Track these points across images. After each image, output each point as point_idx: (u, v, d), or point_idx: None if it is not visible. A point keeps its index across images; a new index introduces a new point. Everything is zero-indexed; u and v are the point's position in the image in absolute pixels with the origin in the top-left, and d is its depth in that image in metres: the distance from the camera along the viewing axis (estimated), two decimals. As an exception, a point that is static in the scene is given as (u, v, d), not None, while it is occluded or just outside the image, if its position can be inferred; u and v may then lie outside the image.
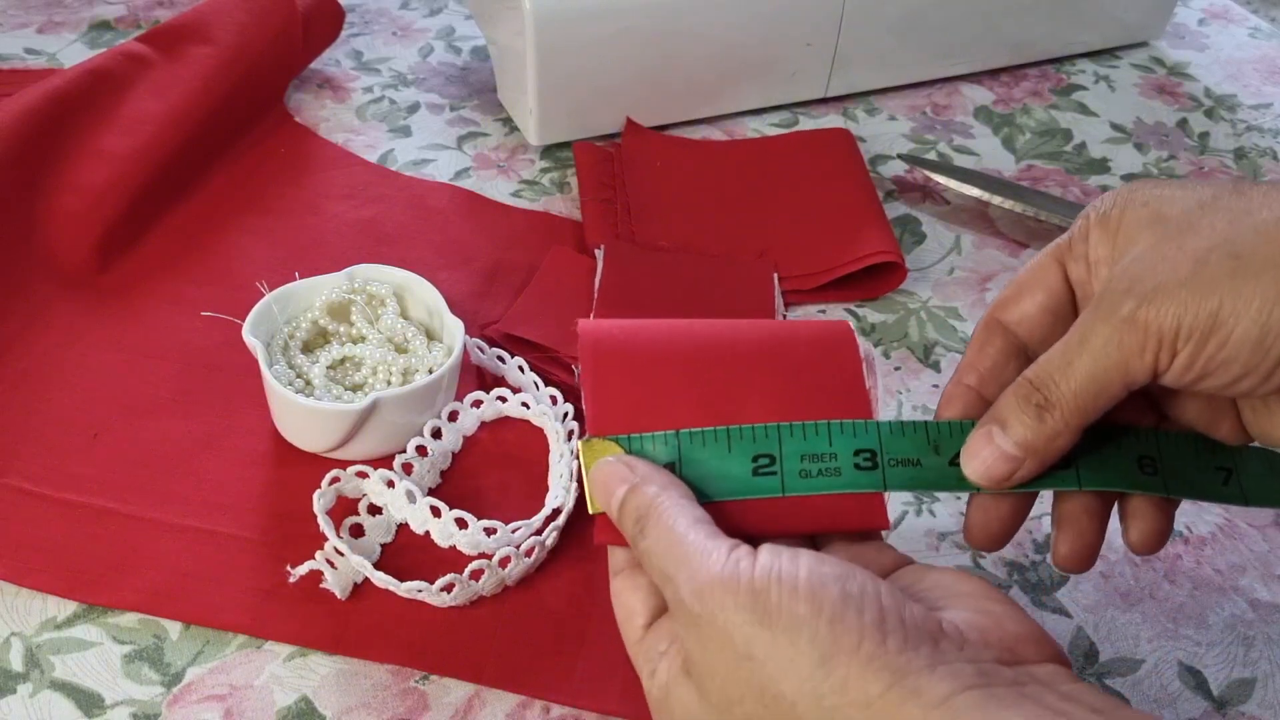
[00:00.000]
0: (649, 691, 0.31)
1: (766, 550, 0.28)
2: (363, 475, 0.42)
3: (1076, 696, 0.26)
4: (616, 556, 0.32)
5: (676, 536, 0.29)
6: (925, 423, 0.33)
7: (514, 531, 0.40)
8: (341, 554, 0.39)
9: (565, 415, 0.45)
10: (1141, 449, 0.34)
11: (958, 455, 0.32)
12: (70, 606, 0.40)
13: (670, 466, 0.32)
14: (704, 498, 0.31)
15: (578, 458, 0.32)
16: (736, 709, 0.28)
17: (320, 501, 0.40)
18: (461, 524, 0.40)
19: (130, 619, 0.39)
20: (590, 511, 0.31)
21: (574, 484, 0.42)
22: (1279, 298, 0.28)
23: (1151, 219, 0.31)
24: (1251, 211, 0.30)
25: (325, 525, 0.40)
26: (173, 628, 0.39)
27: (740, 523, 0.31)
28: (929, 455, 0.33)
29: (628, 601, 0.31)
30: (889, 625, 0.26)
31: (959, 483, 0.32)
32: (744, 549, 0.28)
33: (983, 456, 0.32)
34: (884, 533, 0.34)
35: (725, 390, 0.33)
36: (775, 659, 0.26)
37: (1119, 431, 0.34)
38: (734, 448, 0.32)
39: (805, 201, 0.58)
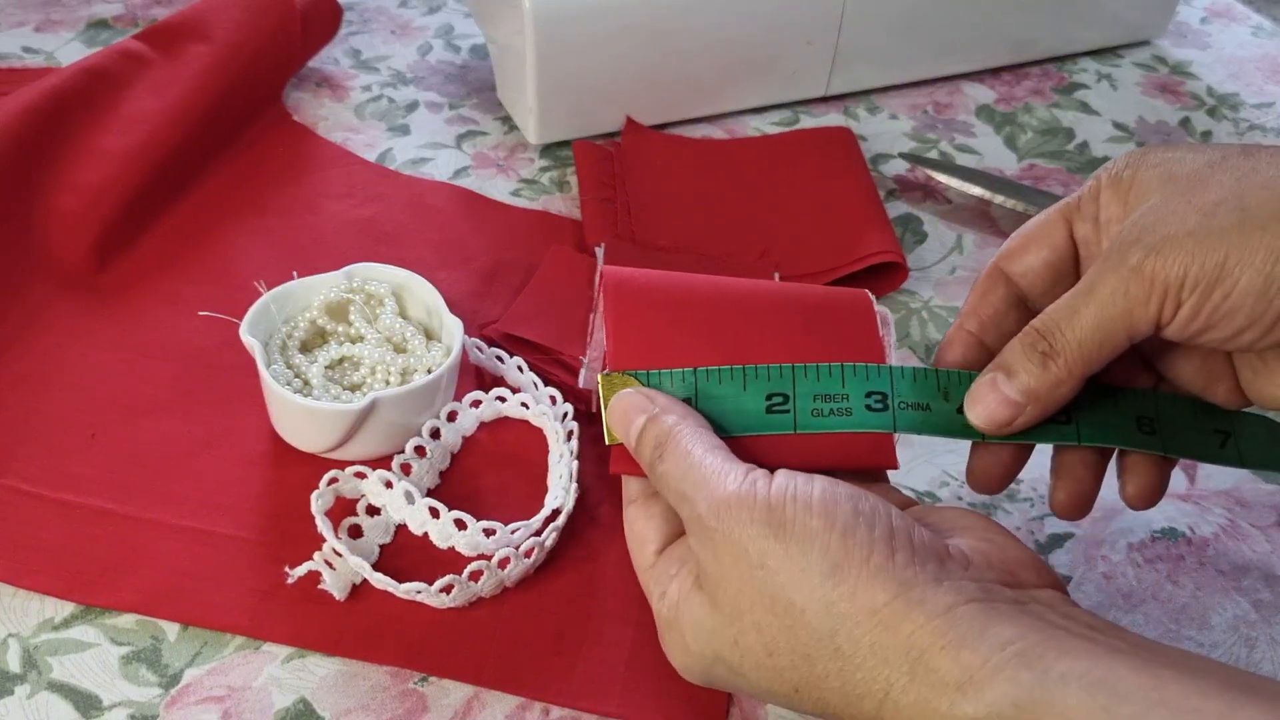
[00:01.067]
0: (658, 613, 0.32)
1: (782, 473, 0.30)
2: (361, 476, 0.42)
3: (1074, 616, 0.28)
4: (631, 486, 0.34)
5: (694, 460, 0.30)
6: (935, 370, 0.34)
7: (513, 533, 0.40)
8: (340, 555, 0.39)
9: (565, 415, 0.45)
10: (1140, 409, 0.34)
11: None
12: (68, 607, 0.39)
13: (686, 402, 0.33)
14: (720, 432, 0.32)
15: (597, 393, 0.33)
16: (746, 617, 0.29)
17: (318, 502, 0.40)
18: (460, 525, 0.40)
19: (128, 620, 0.39)
20: (607, 442, 0.33)
21: (574, 484, 0.42)
22: (1276, 249, 0.29)
23: (1163, 178, 0.32)
24: (1259, 170, 0.30)
25: (323, 526, 0.39)
26: (171, 629, 0.39)
27: (754, 456, 0.32)
28: (938, 400, 0.34)
29: (640, 530, 0.33)
30: (898, 542, 0.28)
31: (965, 430, 0.34)
32: (760, 471, 0.30)
33: (986, 402, 0.33)
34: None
35: (742, 336, 0.34)
36: (787, 569, 0.28)
37: (1118, 391, 0.35)
38: (749, 386, 0.33)
39: (806, 201, 0.58)
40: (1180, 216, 0.30)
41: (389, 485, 0.41)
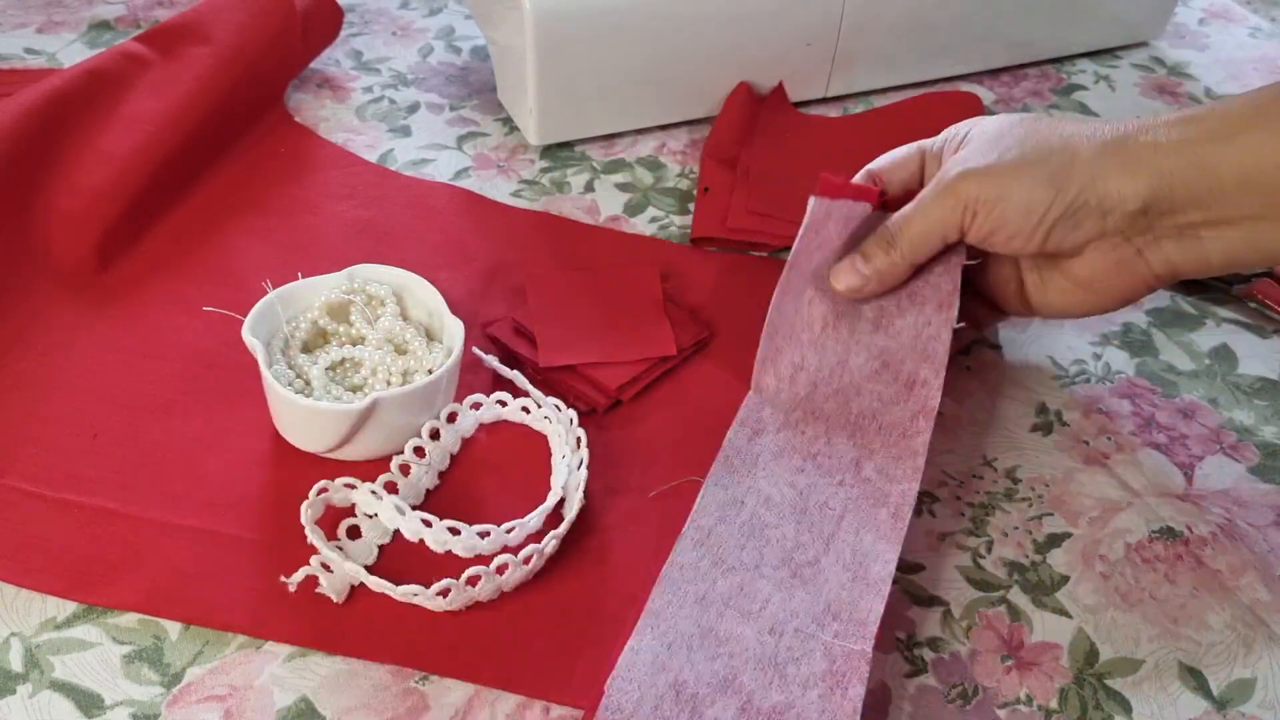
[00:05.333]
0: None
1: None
2: (350, 486, 0.41)
3: None
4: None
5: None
6: None
7: (508, 532, 0.40)
8: (329, 569, 0.39)
9: (571, 421, 0.45)
10: None
11: None
12: (70, 607, 0.39)
13: None
14: None
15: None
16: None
17: (308, 512, 0.40)
18: (455, 531, 0.40)
19: (130, 619, 0.39)
20: None
21: (580, 494, 0.42)
22: (1037, 183, 0.42)
23: (979, 134, 0.45)
24: (1038, 131, 0.43)
25: (314, 536, 0.40)
26: (172, 628, 0.39)
27: None
28: None
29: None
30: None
31: None
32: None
33: (847, 275, 0.46)
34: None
35: None
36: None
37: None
38: None
39: None
40: (983, 155, 0.43)
41: (379, 496, 0.41)
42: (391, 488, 0.43)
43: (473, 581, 0.39)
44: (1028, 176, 0.42)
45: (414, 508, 0.41)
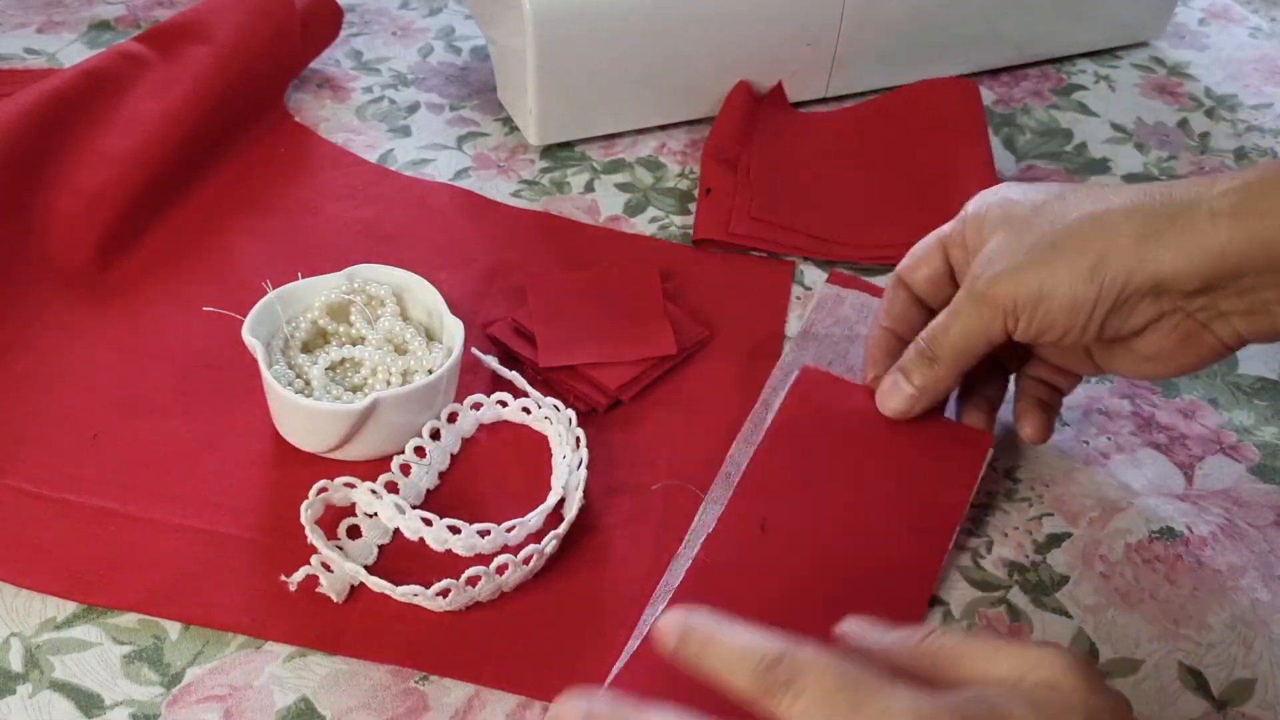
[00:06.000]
0: None
1: None
2: (350, 485, 0.41)
3: None
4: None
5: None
6: None
7: (508, 531, 0.40)
8: (329, 569, 0.39)
9: (570, 421, 0.45)
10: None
11: None
12: (70, 607, 0.40)
13: None
14: None
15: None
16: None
17: (308, 512, 0.40)
18: (455, 530, 0.40)
19: (130, 619, 0.39)
20: None
21: (580, 494, 0.42)
22: (1078, 279, 0.39)
23: (1003, 218, 0.41)
24: (1067, 213, 0.40)
25: (314, 536, 0.40)
26: (172, 628, 0.39)
27: None
28: None
29: None
30: None
31: None
32: None
33: (892, 396, 0.44)
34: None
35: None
36: None
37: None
38: None
39: (913, 168, 0.61)
40: (1011, 253, 0.40)
41: (378, 496, 0.41)
42: (392, 487, 0.43)
43: (473, 581, 0.39)
44: (1065, 271, 0.39)
45: (414, 507, 0.41)
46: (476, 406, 0.46)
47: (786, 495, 0.43)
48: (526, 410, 0.47)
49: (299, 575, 0.39)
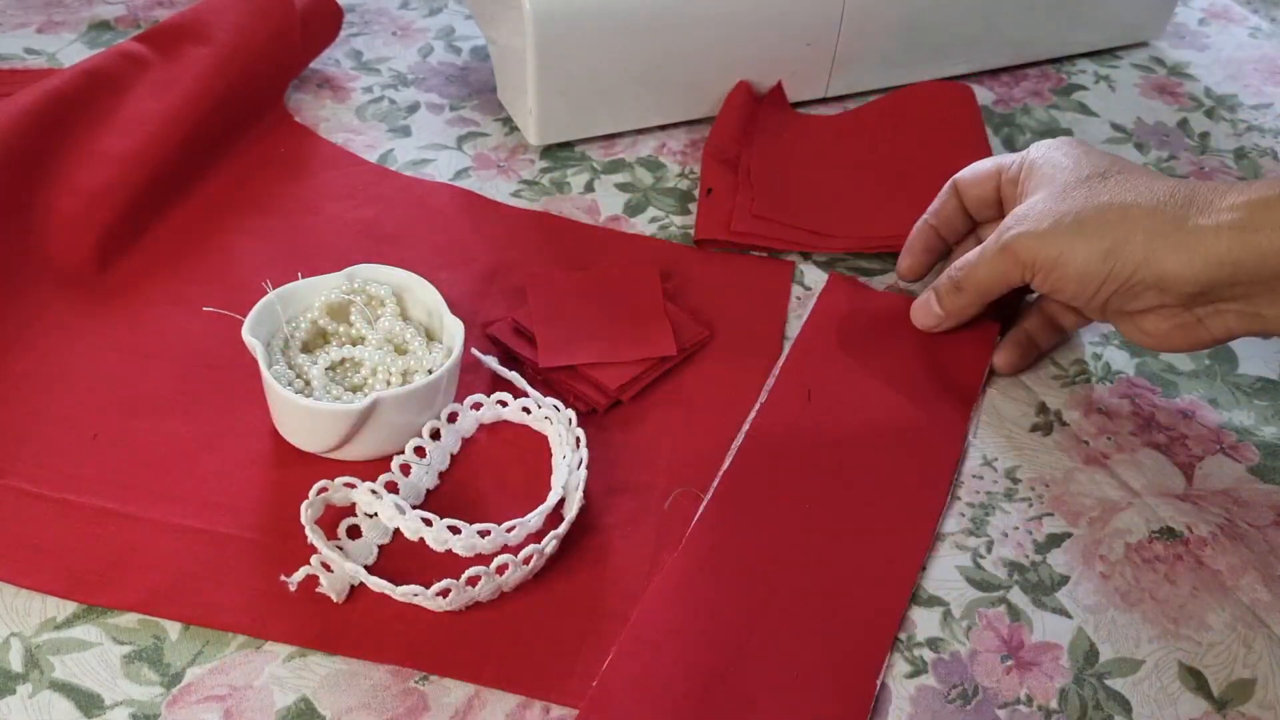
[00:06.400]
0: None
1: None
2: (350, 485, 0.41)
3: None
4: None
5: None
6: None
7: (508, 531, 0.40)
8: (329, 569, 0.39)
9: (570, 421, 0.45)
10: None
11: None
12: (70, 607, 0.40)
13: None
14: None
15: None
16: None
17: (308, 512, 0.40)
18: (455, 530, 0.40)
19: (130, 619, 0.39)
20: None
21: (580, 494, 0.42)
22: (1093, 257, 0.43)
23: (1049, 179, 0.46)
24: (1101, 195, 0.44)
25: (314, 536, 0.40)
26: (172, 628, 0.39)
27: None
28: None
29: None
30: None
31: None
32: None
33: (923, 314, 0.51)
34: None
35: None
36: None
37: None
38: None
39: (910, 169, 0.61)
40: (1041, 217, 0.45)
41: (378, 496, 0.41)
42: (392, 487, 0.43)
43: (473, 582, 0.39)
44: (1083, 247, 0.43)
45: (414, 507, 0.41)
46: (476, 406, 0.46)
47: (827, 370, 0.50)
48: (526, 410, 0.47)
49: (299, 575, 0.39)
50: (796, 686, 0.38)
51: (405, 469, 0.43)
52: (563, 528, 0.41)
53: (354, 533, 0.42)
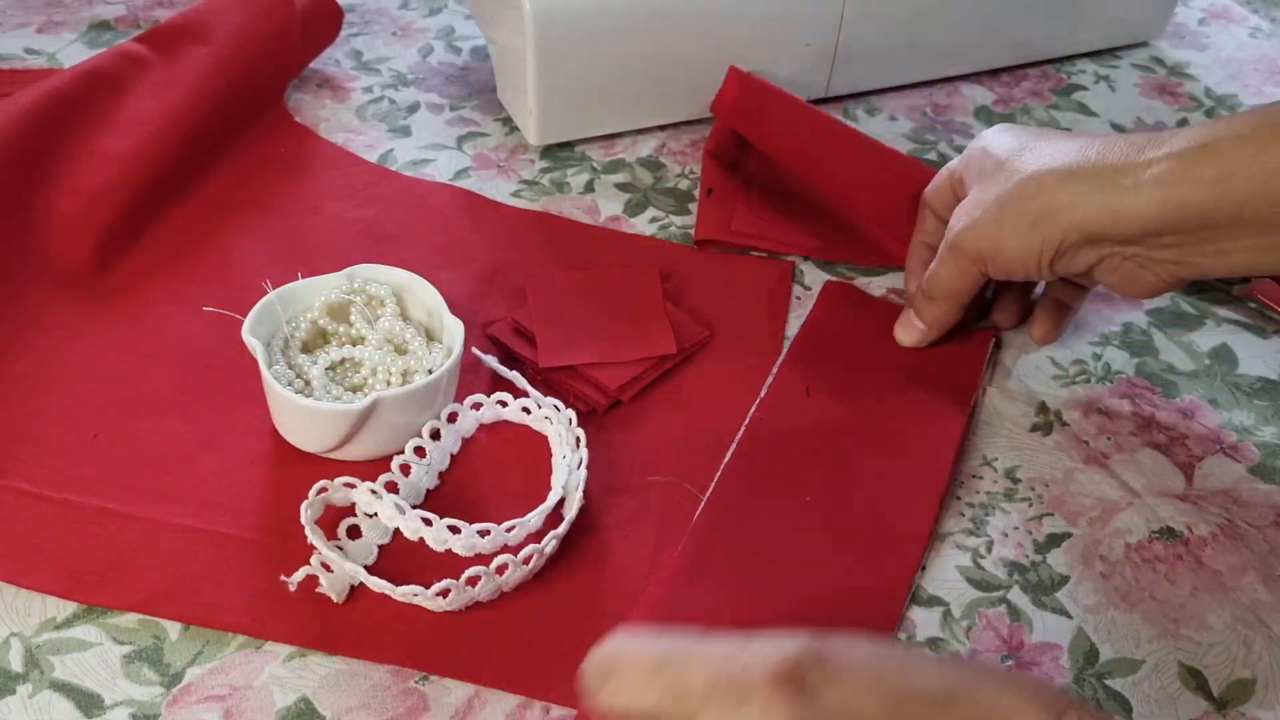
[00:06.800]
0: None
1: None
2: (350, 485, 0.41)
3: None
4: None
5: None
6: None
7: (508, 531, 0.40)
8: (329, 569, 0.39)
9: (570, 421, 0.45)
10: None
11: None
12: (70, 607, 0.39)
13: None
14: None
15: None
16: None
17: (308, 512, 0.40)
18: (455, 530, 0.40)
19: (130, 619, 0.39)
20: None
21: (580, 494, 0.42)
22: (1021, 233, 0.45)
23: (978, 171, 0.48)
24: (1016, 172, 0.45)
25: (314, 536, 0.40)
26: (172, 628, 0.39)
27: None
28: None
29: None
30: None
31: None
32: None
33: (906, 331, 0.51)
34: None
35: None
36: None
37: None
38: None
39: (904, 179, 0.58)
40: (973, 208, 0.46)
41: (378, 496, 0.41)
42: (392, 487, 0.43)
43: (473, 582, 0.39)
44: (1010, 227, 0.45)
45: (414, 507, 0.41)
46: (476, 406, 0.46)
47: (825, 369, 0.50)
48: (526, 410, 0.47)
49: (299, 575, 0.39)
50: None
51: (405, 469, 0.43)
52: (563, 528, 0.41)
53: (354, 533, 0.42)
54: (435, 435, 0.45)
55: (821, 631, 0.35)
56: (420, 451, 0.44)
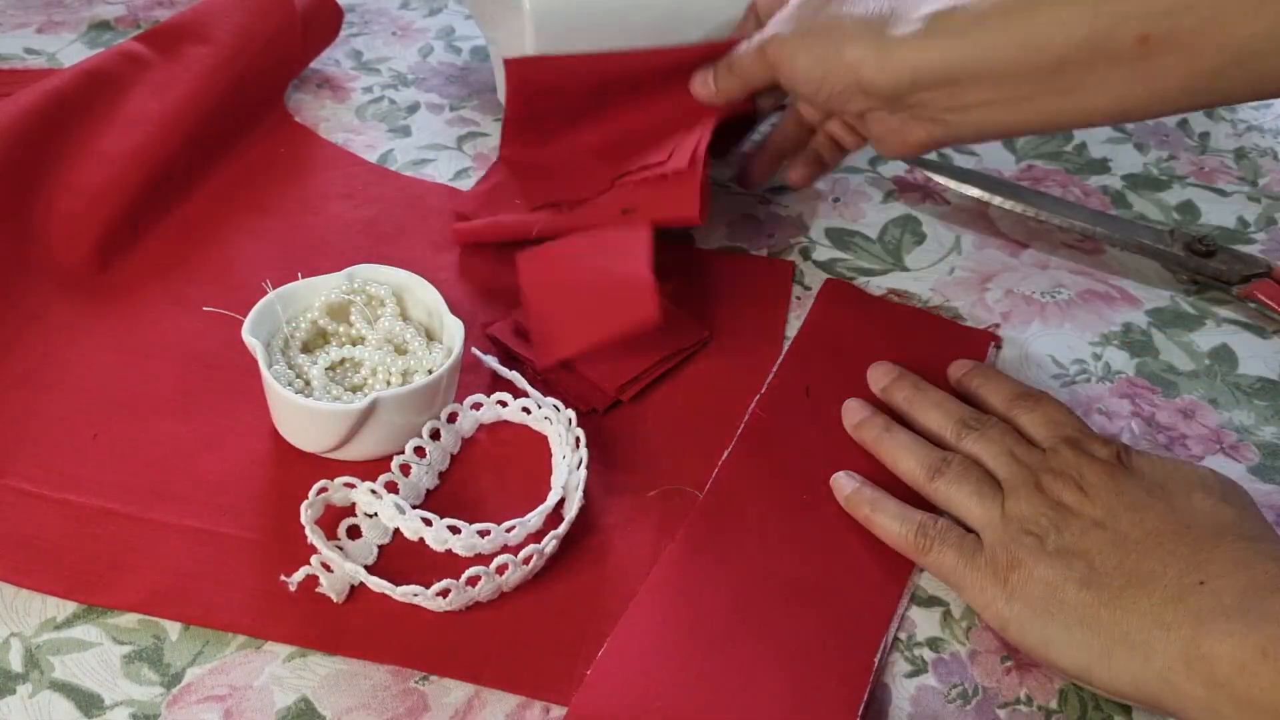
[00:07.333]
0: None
1: None
2: (350, 485, 0.41)
3: None
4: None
5: None
6: None
7: (508, 531, 0.40)
8: (329, 569, 0.39)
9: (570, 421, 0.45)
10: None
11: None
12: (70, 607, 0.40)
13: None
14: None
15: None
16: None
17: (308, 512, 0.40)
18: (455, 530, 0.40)
19: (130, 619, 0.39)
20: None
21: (580, 494, 0.42)
22: (813, 61, 0.48)
23: None
24: (829, 7, 0.48)
25: (314, 536, 0.40)
26: (172, 628, 0.39)
27: None
28: None
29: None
30: None
31: None
32: None
33: (699, 84, 0.54)
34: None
35: None
36: None
37: None
38: None
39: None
40: (785, 22, 0.50)
41: (378, 495, 0.41)
42: (392, 487, 0.43)
43: (473, 582, 0.39)
44: (804, 53, 0.48)
45: (414, 507, 0.41)
46: (476, 406, 0.46)
47: (824, 368, 0.50)
48: (526, 410, 0.47)
49: (299, 575, 0.39)
50: (789, 682, 0.38)
51: (405, 469, 0.43)
52: (563, 528, 0.41)
53: (354, 533, 0.42)
54: (435, 435, 0.45)
55: (819, 631, 0.35)
56: (420, 451, 0.44)
